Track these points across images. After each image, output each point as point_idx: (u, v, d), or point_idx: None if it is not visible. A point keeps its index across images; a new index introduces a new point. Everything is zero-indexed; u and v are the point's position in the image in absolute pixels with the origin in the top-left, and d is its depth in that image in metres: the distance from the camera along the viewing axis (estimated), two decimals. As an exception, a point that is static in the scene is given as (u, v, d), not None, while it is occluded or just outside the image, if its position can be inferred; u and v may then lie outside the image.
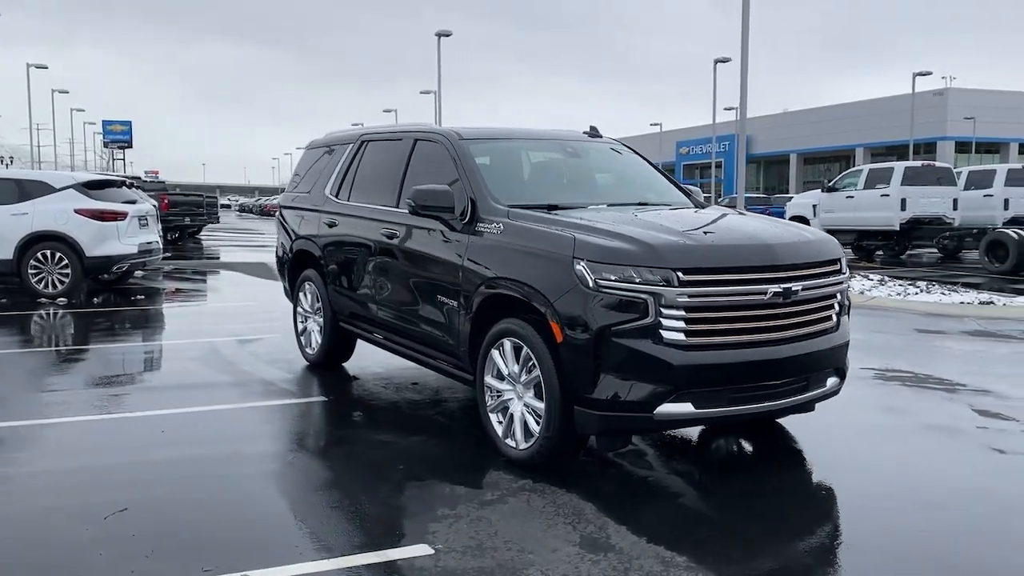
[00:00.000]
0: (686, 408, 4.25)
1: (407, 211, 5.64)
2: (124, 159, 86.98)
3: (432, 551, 3.65)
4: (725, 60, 37.16)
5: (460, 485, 4.46)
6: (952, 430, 5.53)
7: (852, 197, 20.39)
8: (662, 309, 4.17)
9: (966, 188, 20.34)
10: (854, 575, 3.52)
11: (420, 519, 4.02)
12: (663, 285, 4.16)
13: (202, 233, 30.05)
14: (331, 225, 6.75)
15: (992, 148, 62.41)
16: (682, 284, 4.17)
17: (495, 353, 4.84)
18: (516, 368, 4.71)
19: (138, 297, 12.26)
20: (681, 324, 4.19)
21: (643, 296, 4.17)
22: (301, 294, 7.35)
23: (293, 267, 7.50)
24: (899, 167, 19.75)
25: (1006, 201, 19.98)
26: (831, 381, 4.81)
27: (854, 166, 66.88)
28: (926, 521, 4.08)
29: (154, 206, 13.31)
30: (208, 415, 5.84)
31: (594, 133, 6.44)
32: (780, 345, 4.43)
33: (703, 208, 5.78)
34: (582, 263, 4.29)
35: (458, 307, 5.13)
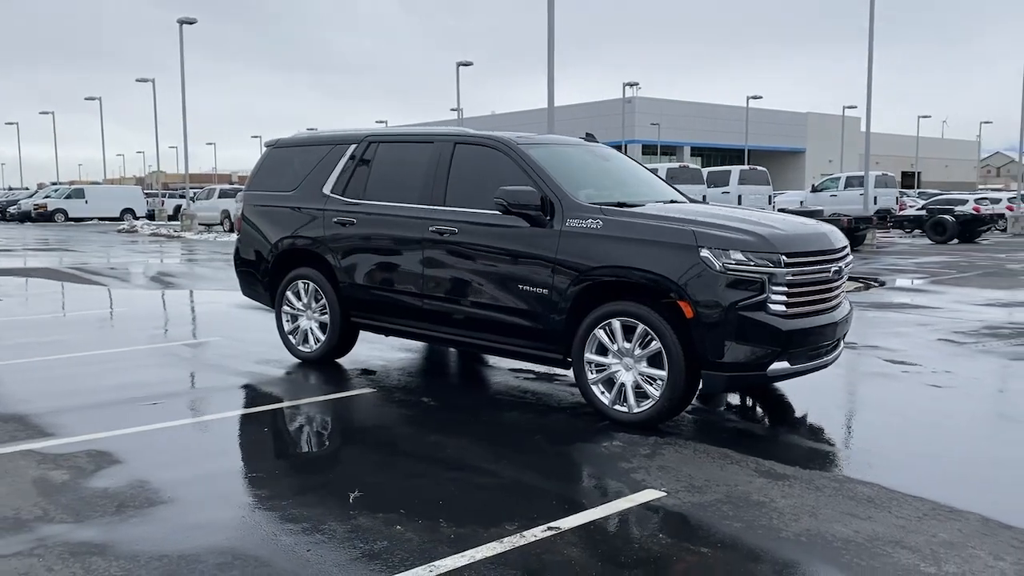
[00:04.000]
0: (785, 365, 5.31)
1: (475, 210, 6.15)
2: None
3: (665, 492, 4.36)
4: (467, 64, 38.94)
5: (602, 444, 5.17)
6: (888, 375, 7.13)
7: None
8: (772, 286, 5.19)
9: (708, 186, 23.61)
10: (910, 462, 4.81)
11: (614, 472, 4.69)
12: (774, 266, 5.18)
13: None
14: (344, 223, 6.93)
15: (670, 151, 70.92)
16: (786, 265, 5.23)
17: (599, 332, 5.56)
18: (627, 344, 5.47)
19: (-28, 308, 10.92)
20: (784, 298, 5.24)
21: (761, 276, 5.16)
22: (290, 293, 7.39)
23: (276, 267, 7.49)
24: (663, 168, 22.52)
25: (739, 197, 23.53)
26: (842, 342, 6.12)
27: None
28: (932, 429, 5.52)
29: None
30: (288, 411, 5.91)
31: (591, 139, 7.28)
32: (833, 312, 5.65)
33: (708, 204, 6.90)
34: (706, 250, 5.19)
35: (550, 295, 5.74)
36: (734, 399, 6.35)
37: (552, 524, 3.94)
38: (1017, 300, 11.80)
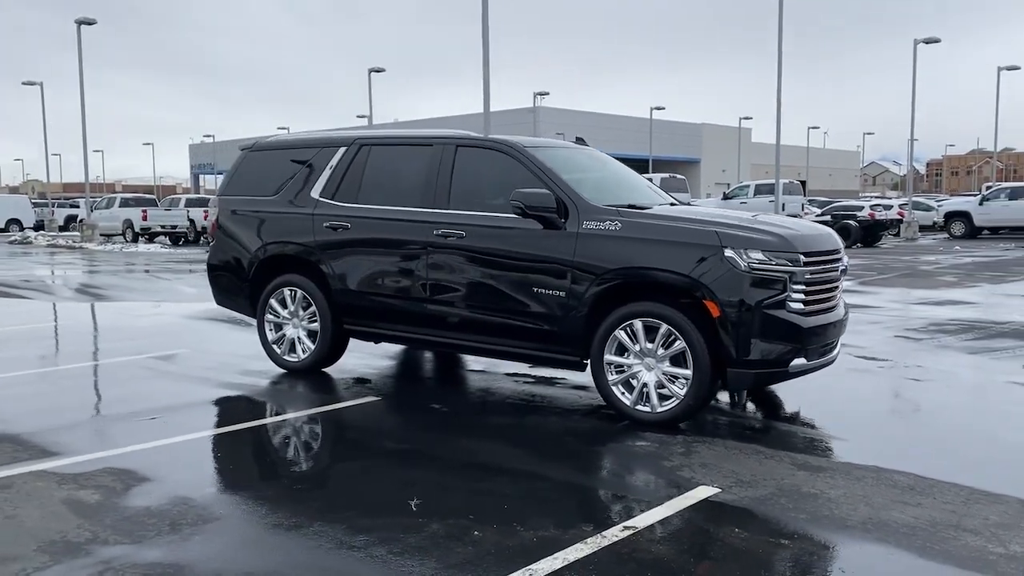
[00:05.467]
0: (803, 361, 5.47)
1: (482, 213, 6.11)
2: None
3: (719, 488, 4.43)
4: (380, 70, 38.54)
5: (634, 444, 5.21)
6: (866, 370, 7.43)
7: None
8: (792, 285, 5.35)
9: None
10: (929, 449, 5.05)
11: (660, 471, 4.73)
12: (794, 265, 5.34)
13: None
14: (337, 228, 6.75)
15: (573, 160, 71.66)
16: (805, 265, 5.39)
17: (620, 333, 5.59)
18: (649, 344, 5.52)
19: None
20: (802, 296, 5.41)
21: (783, 275, 5.31)
22: (274, 301, 7.15)
23: (259, 274, 7.23)
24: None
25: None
26: (839, 341, 6.34)
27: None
28: (934, 418, 5.80)
29: None
30: (302, 422, 5.73)
31: (581, 142, 7.33)
32: (837, 310, 5.86)
33: (706, 207, 7.05)
34: (730, 250, 5.30)
35: (567, 297, 5.74)
36: (724, 396, 6.49)
37: (627, 524, 3.94)
38: (946, 298, 12.48)
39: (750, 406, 6.29)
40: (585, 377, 6.59)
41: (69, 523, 3.91)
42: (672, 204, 6.62)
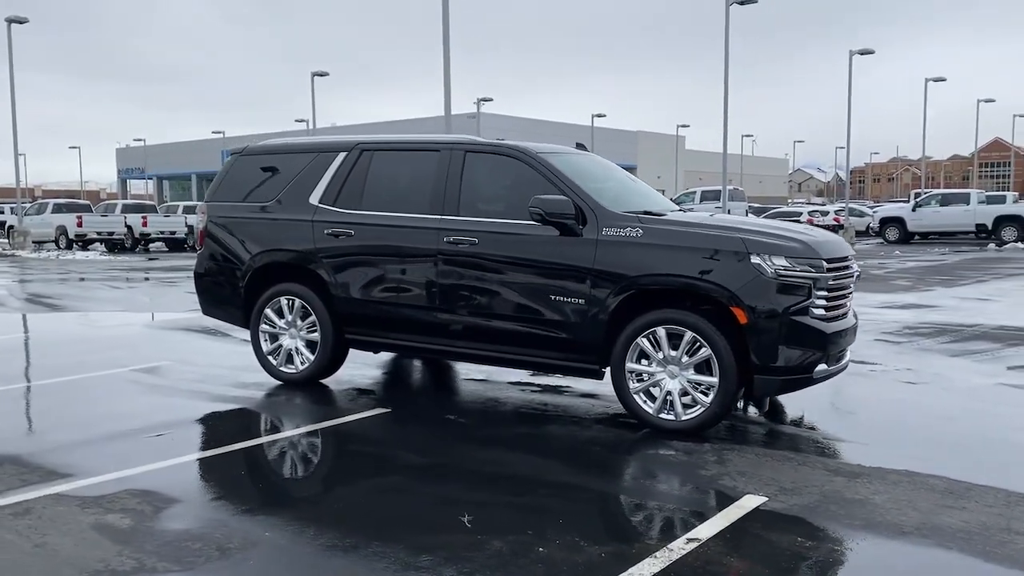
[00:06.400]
0: (825, 367, 5.50)
1: (494, 219, 6.01)
2: None
3: (765, 497, 4.41)
4: (323, 74, 37.96)
5: (663, 453, 5.16)
6: (860, 374, 7.51)
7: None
8: (816, 291, 5.38)
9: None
10: (953, 452, 5.13)
11: (700, 480, 4.69)
12: (817, 272, 5.37)
13: None
14: (339, 235, 6.55)
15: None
16: (828, 271, 5.43)
17: (643, 341, 5.54)
18: (673, 352, 5.48)
19: None
20: (824, 302, 5.44)
21: (808, 281, 5.33)
22: (270, 310, 6.90)
23: (253, 283, 6.97)
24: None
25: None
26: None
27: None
28: (945, 422, 5.91)
29: None
30: (315, 436, 5.53)
31: (581, 148, 7.27)
32: (848, 316, 5.92)
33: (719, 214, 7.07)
34: (756, 257, 5.30)
35: (587, 305, 5.67)
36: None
37: (690, 536, 3.88)
38: (908, 302, 12.82)
39: (752, 410, 6.30)
40: (593, 385, 6.56)
41: (108, 550, 3.67)
42: (684, 211, 6.61)
